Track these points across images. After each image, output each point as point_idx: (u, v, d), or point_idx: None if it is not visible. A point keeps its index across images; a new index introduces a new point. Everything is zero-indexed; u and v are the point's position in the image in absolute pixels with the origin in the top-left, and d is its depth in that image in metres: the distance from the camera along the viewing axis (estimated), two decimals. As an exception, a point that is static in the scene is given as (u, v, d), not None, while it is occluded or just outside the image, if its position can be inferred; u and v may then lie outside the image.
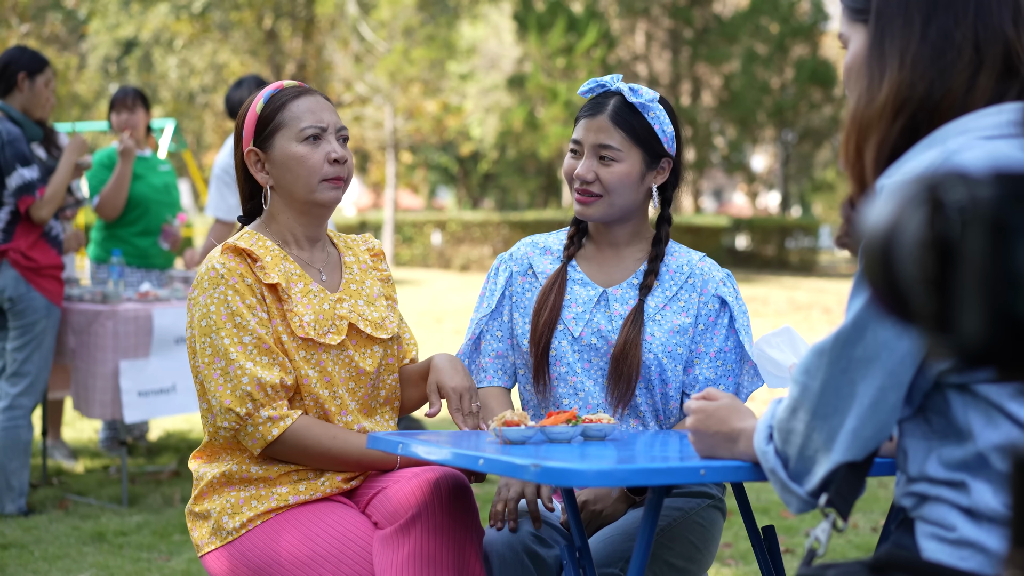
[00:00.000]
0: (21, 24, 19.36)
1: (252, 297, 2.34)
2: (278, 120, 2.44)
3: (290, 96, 2.47)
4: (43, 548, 4.36)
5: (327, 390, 2.37)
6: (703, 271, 2.62)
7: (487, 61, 27.99)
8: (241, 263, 2.36)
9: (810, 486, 1.58)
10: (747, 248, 28.54)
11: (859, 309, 1.48)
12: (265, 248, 2.42)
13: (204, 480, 2.38)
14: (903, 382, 1.50)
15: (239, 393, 2.28)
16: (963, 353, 0.80)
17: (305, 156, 2.42)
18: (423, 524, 2.22)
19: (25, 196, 4.84)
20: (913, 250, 0.81)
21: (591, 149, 2.55)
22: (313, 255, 2.50)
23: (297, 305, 2.38)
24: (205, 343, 2.32)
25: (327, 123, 2.45)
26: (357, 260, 2.59)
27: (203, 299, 2.34)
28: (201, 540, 2.37)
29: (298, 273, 2.43)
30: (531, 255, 2.68)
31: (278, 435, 2.30)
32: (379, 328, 2.48)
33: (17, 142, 4.85)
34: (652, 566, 2.39)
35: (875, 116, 1.55)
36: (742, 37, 28.56)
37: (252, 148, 2.45)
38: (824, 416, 1.54)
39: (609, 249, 2.65)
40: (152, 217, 5.95)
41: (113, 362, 5.01)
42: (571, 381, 2.55)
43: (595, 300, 2.59)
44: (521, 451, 1.93)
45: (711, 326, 2.58)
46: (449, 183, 39.69)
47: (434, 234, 25.26)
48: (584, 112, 2.58)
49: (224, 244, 2.40)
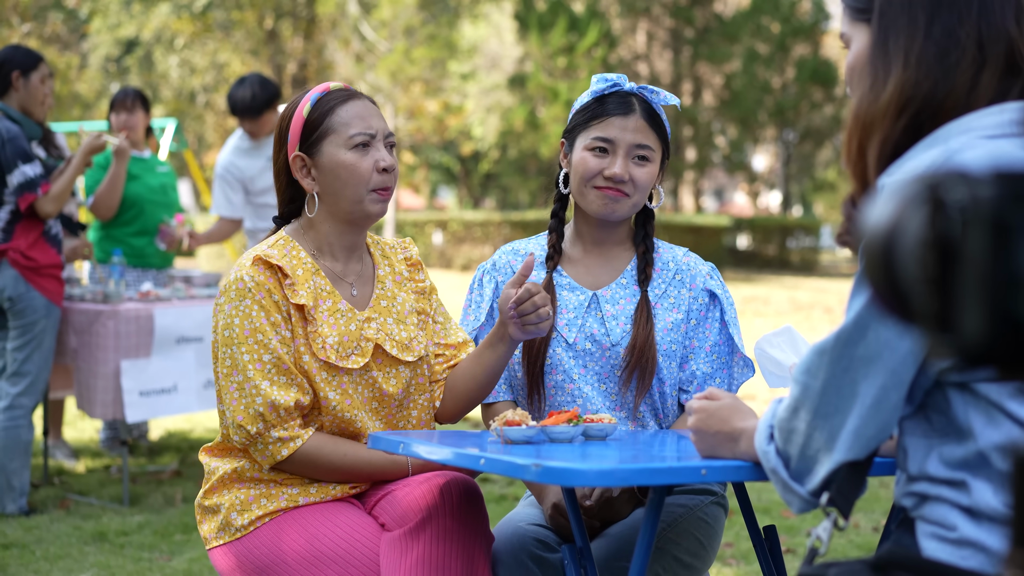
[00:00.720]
0: (22, 24, 19.37)
1: (277, 314, 2.31)
2: (326, 125, 2.38)
3: (338, 100, 2.41)
4: (44, 548, 4.36)
5: (348, 412, 2.35)
6: (689, 266, 2.62)
7: (488, 61, 27.98)
8: (271, 278, 2.32)
9: (811, 486, 1.58)
10: (748, 248, 28.54)
11: (860, 308, 1.48)
12: (297, 260, 2.38)
13: (216, 475, 2.37)
14: (904, 381, 1.50)
15: (252, 412, 2.27)
16: (963, 352, 0.80)
17: (355, 164, 2.36)
18: (432, 529, 2.21)
19: (27, 193, 4.84)
20: (914, 249, 0.81)
21: (627, 148, 2.52)
22: (347, 267, 2.45)
23: (322, 326, 2.34)
24: (225, 354, 2.31)
25: (376, 129, 2.40)
26: (392, 272, 2.53)
27: (228, 308, 2.31)
28: (209, 534, 2.37)
29: (327, 290, 2.38)
30: (514, 263, 2.65)
31: (287, 455, 2.29)
32: (406, 350, 2.43)
33: (17, 139, 4.85)
34: (661, 560, 2.40)
35: (879, 115, 1.56)
36: (743, 37, 28.57)
37: (299, 153, 2.40)
38: (826, 415, 1.54)
39: (596, 251, 2.64)
40: (148, 217, 5.96)
41: (114, 362, 5.01)
42: (568, 388, 2.54)
43: (586, 304, 2.58)
44: (522, 451, 1.93)
45: (703, 320, 2.58)
46: (450, 183, 39.68)
47: (435, 234, 25.25)
48: (610, 111, 2.55)
49: (256, 255, 2.34)
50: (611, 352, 2.53)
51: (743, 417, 1.76)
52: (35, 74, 5.03)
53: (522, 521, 2.43)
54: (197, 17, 24.35)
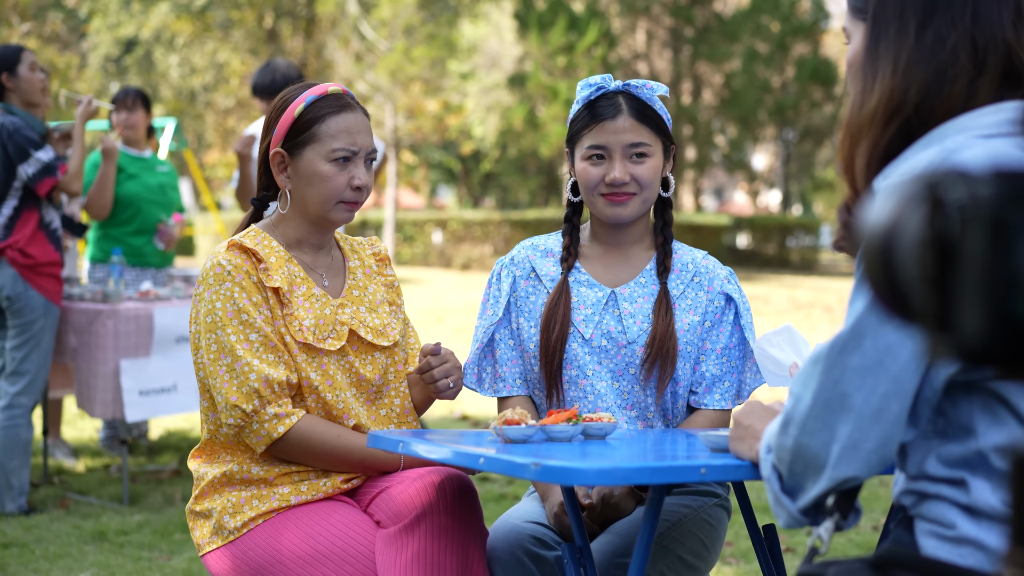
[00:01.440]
0: (22, 23, 19.36)
1: (258, 295, 2.33)
2: (312, 132, 2.39)
3: (331, 109, 2.41)
4: (44, 547, 4.36)
5: (330, 393, 2.36)
6: (708, 269, 2.62)
7: (488, 60, 27.96)
8: (247, 260, 2.35)
9: (802, 503, 1.54)
10: (748, 247, 28.53)
11: (860, 313, 1.45)
12: (270, 249, 2.41)
13: (205, 480, 2.37)
14: (908, 391, 1.46)
15: (246, 390, 2.27)
16: (963, 352, 0.80)
17: (330, 177, 2.38)
18: (427, 526, 2.21)
19: (47, 178, 4.85)
20: (913, 249, 0.81)
21: (622, 151, 2.53)
22: (317, 259, 2.49)
23: (298, 309, 2.36)
24: (211, 339, 2.31)
25: (359, 147, 2.41)
26: (362, 265, 2.57)
27: (208, 295, 2.33)
28: (202, 539, 2.37)
29: (301, 276, 2.41)
30: (532, 258, 2.66)
31: (283, 432, 2.29)
32: (380, 335, 2.46)
33: (22, 130, 4.86)
34: (665, 559, 2.40)
35: (866, 122, 1.54)
36: (743, 36, 28.55)
37: (279, 150, 2.42)
38: (812, 432, 1.49)
39: (615, 249, 2.64)
40: (146, 217, 5.97)
41: (114, 361, 5.01)
42: (582, 384, 2.54)
43: (603, 301, 2.57)
44: (522, 450, 1.93)
45: (717, 323, 2.58)
46: (450, 182, 39.66)
47: (435, 233, 25.25)
48: (598, 116, 2.54)
49: (231, 241, 2.38)
50: (627, 350, 2.53)
51: (774, 418, 1.75)
52: (21, 67, 5.01)
53: (520, 518, 2.43)
54: (196, 17, 24.34)
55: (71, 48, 26.25)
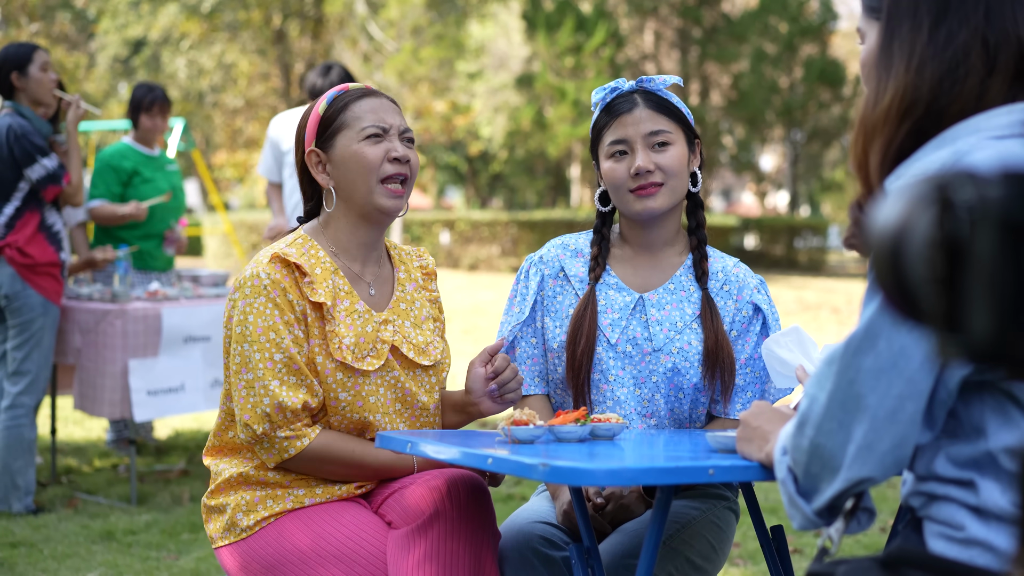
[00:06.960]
0: (30, 23, 19.40)
1: (291, 314, 2.30)
2: (340, 120, 2.40)
3: (353, 97, 2.43)
4: (52, 547, 4.37)
5: (359, 414, 2.35)
6: (738, 277, 2.59)
7: (496, 60, 27.98)
8: (287, 276, 2.32)
9: (817, 505, 1.54)
10: (756, 248, 28.49)
11: (872, 314, 1.45)
12: (316, 259, 2.37)
13: (221, 476, 2.38)
14: (923, 392, 1.45)
15: (259, 412, 2.27)
16: (972, 353, 0.80)
17: (364, 153, 2.37)
18: (440, 526, 2.21)
19: (52, 185, 4.86)
20: (923, 250, 0.81)
21: (644, 140, 2.52)
22: (365, 268, 2.46)
23: (339, 326, 2.33)
24: (237, 351, 2.31)
25: (390, 124, 2.41)
26: (409, 277, 2.54)
27: (242, 305, 2.31)
28: (215, 533, 2.38)
29: (346, 290, 2.38)
30: (562, 257, 2.64)
31: (295, 454, 2.29)
32: (422, 354, 2.44)
33: (29, 134, 4.87)
34: (673, 560, 2.40)
35: (880, 119, 1.54)
36: (751, 36, 28.51)
37: (313, 149, 2.42)
38: (828, 433, 1.49)
39: (645, 252, 2.61)
40: (156, 222, 5.95)
41: (122, 361, 5.02)
42: (603, 389, 2.52)
43: (631, 306, 2.55)
44: (530, 450, 1.93)
45: (743, 333, 2.55)
46: (458, 182, 39.68)
47: (443, 233, 25.24)
48: (615, 112, 2.55)
49: (274, 253, 2.34)
50: (652, 357, 2.50)
51: (784, 421, 1.75)
52: (32, 66, 5.01)
53: (529, 519, 2.43)
54: (204, 18, 24.36)
55: (79, 48, 26.31)
